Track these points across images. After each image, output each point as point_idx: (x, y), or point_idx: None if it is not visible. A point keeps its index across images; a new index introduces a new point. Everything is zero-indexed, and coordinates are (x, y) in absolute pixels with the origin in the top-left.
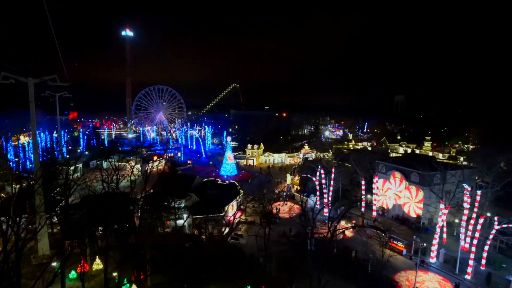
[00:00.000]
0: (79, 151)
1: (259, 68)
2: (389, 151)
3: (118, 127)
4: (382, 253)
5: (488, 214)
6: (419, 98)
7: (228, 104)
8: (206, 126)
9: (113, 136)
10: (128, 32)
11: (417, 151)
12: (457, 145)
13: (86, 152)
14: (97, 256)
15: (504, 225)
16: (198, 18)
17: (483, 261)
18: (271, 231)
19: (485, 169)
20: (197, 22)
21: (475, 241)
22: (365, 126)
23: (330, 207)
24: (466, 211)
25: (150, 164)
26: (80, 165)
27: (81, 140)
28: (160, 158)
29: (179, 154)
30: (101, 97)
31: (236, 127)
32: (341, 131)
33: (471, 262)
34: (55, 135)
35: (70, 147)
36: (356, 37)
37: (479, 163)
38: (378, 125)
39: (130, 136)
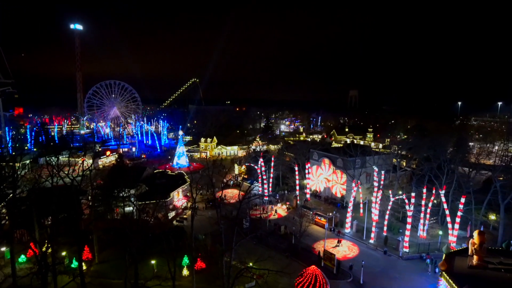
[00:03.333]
0: (26, 148)
1: (221, 64)
2: (333, 141)
3: (69, 123)
4: (301, 226)
5: (401, 192)
6: (372, 92)
7: (188, 99)
8: (161, 121)
9: (64, 132)
10: (77, 25)
11: (361, 142)
12: (398, 136)
13: (34, 149)
14: (46, 241)
15: (397, 197)
16: (156, 12)
17: (385, 228)
18: (214, 214)
19: (393, 155)
20: (155, 16)
21: (376, 212)
22: (319, 119)
23: (270, 192)
24: (375, 189)
25: (102, 159)
26: (27, 161)
27: (28, 136)
28: (114, 153)
29: (133, 149)
30: (51, 92)
31: (195, 121)
32: (297, 124)
33: (373, 229)
34: None
35: (16, 144)
36: (315, 35)
37: (403, 150)
38: (332, 118)
39: (83, 132)
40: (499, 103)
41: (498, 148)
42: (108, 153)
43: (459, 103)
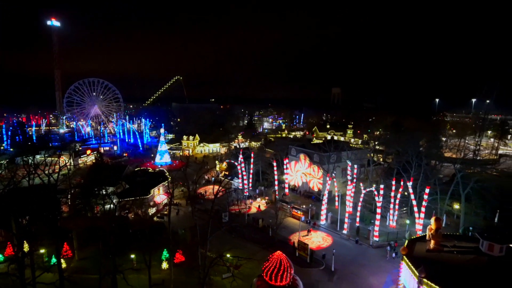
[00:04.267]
0: (2, 147)
1: (208, 63)
2: (314, 138)
3: (48, 122)
4: (277, 219)
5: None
6: (355, 90)
7: (172, 97)
8: (143, 120)
9: (43, 131)
10: (54, 22)
11: (342, 138)
12: (377, 132)
13: (11, 149)
14: (24, 240)
15: (368, 189)
16: (144, 10)
17: (357, 219)
18: (196, 209)
19: (368, 150)
20: (143, 14)
21: (350, 204)
22: (302, 116)
23: (250, 188)
24: (349, 182)
25: (83, 158)
26: (3, 161)
27: (4, 136)
28: (95, 152)
29: (115, 147)
30: (28, 91)
31: (178, 120)
32: (280, 121)
33: (346, 220)
34: None
35: None
36: (301, 35)
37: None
38: (315, 115)
39: (62, 131)
40: (473, 100)
41: (466, 142)
42: (88, 152)
43: (437, 100)
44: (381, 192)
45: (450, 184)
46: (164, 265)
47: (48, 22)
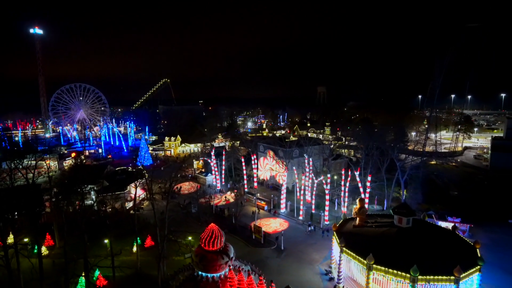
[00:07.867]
0: None
1: (194, 65)
2: (291, 136)
3: (34, 127)
4: (237, 208)
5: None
6: (340, 88)
7: (160, 100)
8: (128, 123)
9: (29, 136)
10: (37, 30)
11: (320, 136)
12: (357, 129)
13: None
14: (10, 232)
15: (319, 179)
16: (126, 13)
17: (313, 206)
18: (170, 203)
19: (329, 145)
20: (126, 17)
21: (308, 193)
22: (285, 116)
23: (223, 182)
24: (307, 174)
25: (68, 161)
26: None
27: None
28: (80, 155)
29: (100, 150)
30: (12, 97)
31: (164, 121)
32: (263, 121)
33: (301, 207)
34: None
35: None
36: (288, 34)
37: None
38: (298, 114)
39: (48, 135)
40: (452, 96)
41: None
42: (73, 154)
43: (420, 96)
44: (329, 181)
45: (403, 173)
46: (135, 249)
47: (31, 30)
